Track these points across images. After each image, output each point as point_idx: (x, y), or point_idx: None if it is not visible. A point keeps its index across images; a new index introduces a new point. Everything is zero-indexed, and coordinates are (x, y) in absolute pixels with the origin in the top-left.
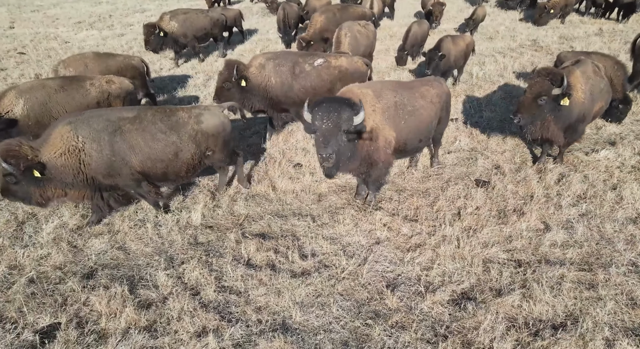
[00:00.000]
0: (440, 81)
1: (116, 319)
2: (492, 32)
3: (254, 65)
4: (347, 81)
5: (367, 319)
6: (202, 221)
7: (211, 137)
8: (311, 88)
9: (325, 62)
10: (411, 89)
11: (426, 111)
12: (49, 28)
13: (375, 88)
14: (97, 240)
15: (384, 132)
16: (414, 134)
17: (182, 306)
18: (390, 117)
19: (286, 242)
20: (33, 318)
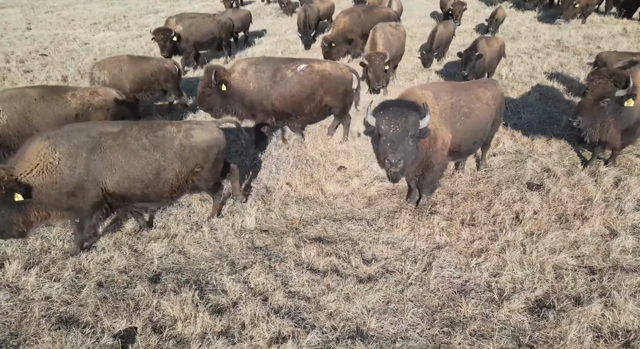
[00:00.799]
0: (495, 83)
1: (192, 324)
2: (514, 33)
3: (236, 71)
4: (329, 88)
5: (443, 327)
6: (257, 225)
7: (201, 152)
8: (289, 95)
9: (308, 67)
10: (467, 90)
11: (482, 113)
12: (66, 29)
13: (434, 89)
14: (157, 244)
15: (441, 134)
16: (469, 135)
17: (254, 312)
18: (447, 119)
19: (345, 247)
20: (109, 322)
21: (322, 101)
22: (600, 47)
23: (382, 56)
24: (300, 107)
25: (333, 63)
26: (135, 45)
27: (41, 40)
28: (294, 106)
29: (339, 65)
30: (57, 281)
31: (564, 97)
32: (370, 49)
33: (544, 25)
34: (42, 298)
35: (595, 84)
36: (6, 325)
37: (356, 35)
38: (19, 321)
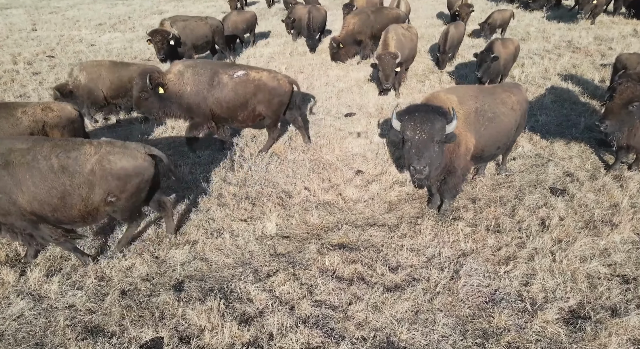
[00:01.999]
0: (520, 88)
1: (219, 334)
2: (522, 33)
3: (172, 72)
4: (263, 98)
5: (476, 339)
6: (277, 230)
7: (116, 181)
8: (224, 101)
9: (245, 74)
10: (492, 94)
11: (507, 118)
12: (72, 30)
13: (459, 94)
14: (178, 251)
15: (465, 138)
16: (493, 140)
17: (282, 322)
18: (470, 123)
19: (369, 254)
20: (136, 332)
21: (255, 109)
22: (613, 48)
23: (392, 56)
24: (235, 113)
25: (271, 73)
26: (142, 47)
27: (47, 41)
28: (229, 112)
29: (276, 76)
30: (79, 289)
31: (579, 99)
32: (382, 50)
33: (553, 25)
34: (66, 307)
35: (624, 88)
36: (31, 335)
37: (365, 36)
38: (44, 331)
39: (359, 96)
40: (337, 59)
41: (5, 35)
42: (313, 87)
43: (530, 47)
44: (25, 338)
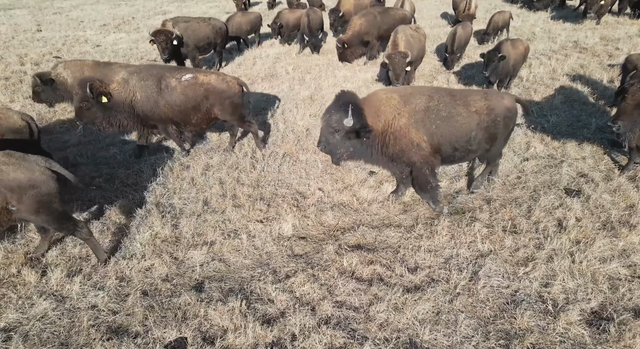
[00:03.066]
0: (504, 96)
1: (242, 335)
2: (528, 34)
3: (115, 81)
4: (215, 101)
5: (499, 340)
6: (294, 231)
7: (9, 191)
8: (176, 105)
9: (192, 77)
10: (453, 96)
11: (465, 119)
12: (77, 31)
13: (405, 93)
14: (196, 251)
15: (409, 134)
16: (448, 139)
17: (304, 322)
18: (419, 121)
19: (387, 255)
20: (159, 333)
21: (210, 112)
22: (620, 49)
23: (402, 55)
24: (188, 116)
25: (219, 75)
26: (148, 47)
27: (53, 42)
28: (182, 116)
29: (225, 78)
30: (101, 289)
31: (589, 99)
32: (392, 49)
33: (559, 26)
34: (89, 307)
35: (636, 89)
36: (55, 335)
37: (372, 37)
38: (68, 331)
39: None
40: (344, 59)
41: (11, 36)
42: (321, 87)
43: (537, 47)
44: (50, 338)
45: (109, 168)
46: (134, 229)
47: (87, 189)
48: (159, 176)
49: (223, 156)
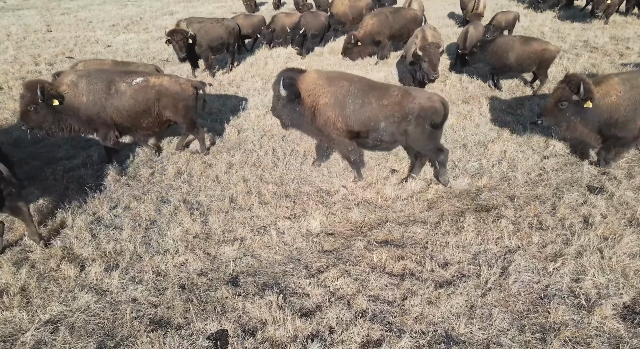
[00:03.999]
0: (426, 97)
1: (282, 327)
2: (537, 33)
3: (65, 84)
4: (167, 104)
5: (534, 333)
6: (322, 228)
7: None
8: (124, 110)
9: (144, 81)
10: (373, 87)
11: (374, 110)
12: (86, 31)
13: (332, 76)
14: (228, 247)
15: (328, 112)
16: (360, 126)
17: (340, 316)
18: (337, 102)
19: (415, 251)
20: (201, 325)
21: (161, 115)
22: (630, 48)
23: (436, 45)
24: (138, 121)
25: (172, 78)
26: (158, 47)
27: (64, 42)
28: (132, 120)
29: (178, 80)
30: (139, 283)
31: None
32: (422, 42)
33: (567, 25)
34: (129, 300)
35: (555, 89)
36: (100, 326)
37: (384, 37)
38: (112, 323)
39: None
40: (348, 55)
41: (22, 36)
42: None
43: None
44: (95, 329)
45: (133, 167)
46: (164, 225)
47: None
48: (183, 174)
49: (245, 155)
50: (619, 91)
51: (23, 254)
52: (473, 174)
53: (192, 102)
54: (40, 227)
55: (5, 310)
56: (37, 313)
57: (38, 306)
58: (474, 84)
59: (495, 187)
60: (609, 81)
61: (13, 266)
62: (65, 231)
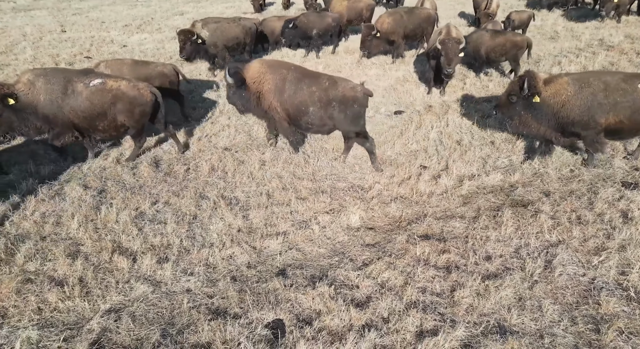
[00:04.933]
0: (349, 86)
1: (337, 317)
2: (551, 33)
3: (22, 82)
4: (123, 108)
5: (587, 324)
6: (361, 222)
7: None
8: (80, 111)
9: (102, 83)
10: (305, 75)
11: (305, 96)
12: (100, 31)
13: (273, 64)
14: (272, 241)
15: (270, 97)
16: (294, 110)
17: (392, 306)
18: (277, 88)
19: (457, 244)
20: (257, 314)
21: (116, 119)
22: None
23: (456, 41)
24: (94, 123)
25: (131, 82)
26: (174, 47)
27: (80, 42)
28: (87, 122)
29: (137, 85)
30: (191, 275)
31: None
32: (445, 36)
33: (580, 24)
34: (184, 291)
35: (510, 82)
36: (159, 315)
37: (398, 36)
38: (170, 312)
39: (404, 94)
40: (367, 48)
41: (38, 37)
42: None
43: (563, 45)
44: (155, 318)
45: (167, 164)
46: (206, 220)
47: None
48: (217, 171)
49: (275, 152)
50: (569, 90)
51: (74, 247)
52: (504, 170)
53: (149, 108)
54: (88, 221)
55: (67, 300)
56: (97, 302)
57: (98, 296)
58: (494, 82)
59: (528, 183)
60: (558, 81)
61: (67, 257)
62: (112, 226)
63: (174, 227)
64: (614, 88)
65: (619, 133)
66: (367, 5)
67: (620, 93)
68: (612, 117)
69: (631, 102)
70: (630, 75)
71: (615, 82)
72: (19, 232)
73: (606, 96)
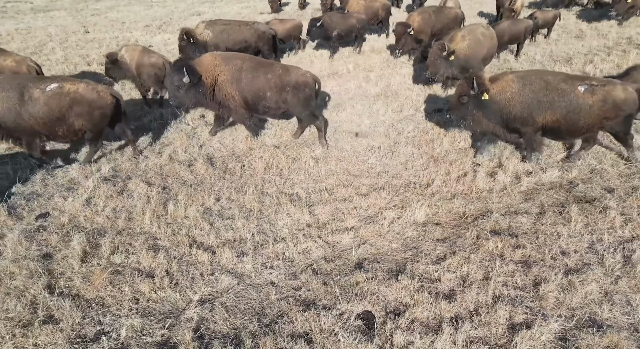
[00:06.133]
0: (300, 73)
1: (426, 309)
2: (576, 31)
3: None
4: (82, 111)
5: None
6: (426, 218)
7: None
8: (39, 117)
9: (58, 87)
10: (260, 64)
11: (262, 83)
12: (122, 32)
13: (227, 56)
14: (343, 236)
15: (227, 87)
16: (254, 96)
17: (478, 299)
18: (234, 77)
19: (529, 239)
20: (346, 305)
21: (74, 124)
22: None
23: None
24: (53, 129)
25: (89, 85)
26: None
27: (106, 43)
28: (47, 128)
29: (96, 88)
30: (271, 268)
31: None
32: None
33: (605, 23)
34: (268, 283)
35: (457, 85)
36: (250, 306)
37: (426, 36)
38: (259, 303)
39: (439, 91)
40: (401, 45)
41: (64, 38)
42: (390, 84)
43: (591, 44)
44: (247, 308)
45: (221, 161)
46: (272, 215)
47: None
48: (272, 168)
49: (325, 150)
50: (513, 87)
51: (152, 241)
52: (560, 167)
53: (109, 111)
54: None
55: (159, 290)
56: (187, 293)
57: (186, 287)
58: None
59: (587, 179)
60: (504, 78)
61: (149, 251)
62: (182, 221)
63: (243, 222)
64: (554, 87)
65: (557, 132)
66: (383, 6)
67: (559, 92)
68: (549, 115)
69: (567, 102)
70: (572, 77)
71: (556, 81)
72: (94, 227)
73: (545, 94)
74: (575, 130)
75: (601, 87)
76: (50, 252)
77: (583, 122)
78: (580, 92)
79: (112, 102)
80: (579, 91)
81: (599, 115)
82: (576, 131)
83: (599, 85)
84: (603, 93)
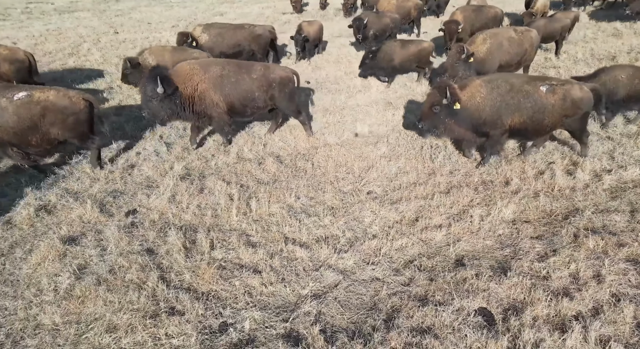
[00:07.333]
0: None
1: (545, 307)
2: (611, 30)
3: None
4: (55, 120)
5: None
6: (514, 216)
7: None
8: (9, 127)
9: (27, 96)
10: (239, 66)
11: (247, 84)
12: (152, 33)
13: (204, 63)
14: (435, 233)
15: (210, 94)
16: (239, 98)
17: (596, 297)
18: (216, 84)
19: (630, 237)
20: (463, 302)
21: (49, 133)
22: None
23: None
24: (25, 138)
25: (59, 92)
26: None
27: (139, 43)
28: (18, 138)
29: (67, 94)
30: (373, 264)
31: None
32: None
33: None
34: (372, 279)
35: (429, 93)
36: (362, 301)
37: (466, 34)
38: (370, 298)
39: None
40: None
41: (96, 39)
42: None
43: (631, 42)
44: (359, 303)
45: (289, 159)
46: (356, 212)
47: None
48: (342, 166)
49: (390, 148)
50: (482, 92)
51: (245, 238)
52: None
53: (84, 116)
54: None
55: (269, 285)
56: (296, 288)
57: (294, 282)
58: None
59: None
60: (472, 84)
61: (246, 247)
62: (268, 218)
63: (330, 219)
64: (519, 89)
65: (524, 133)
66: (415, 5)
67: (524, 94)
68: (517, 117)
69: (533, 102)
70: (534, 78)
71: (520, 83)
72: (183, 224)
73: (512, 96)
74: (541, 129)
75: (560, 87)
76: (151, 248)
77: (547, 121)
78: (543, 92)
79: (85, 106)
80: (541, 91)
81: (560, 113)
82: (541, 130)
83: (558, 85)
84: (563, 92)
